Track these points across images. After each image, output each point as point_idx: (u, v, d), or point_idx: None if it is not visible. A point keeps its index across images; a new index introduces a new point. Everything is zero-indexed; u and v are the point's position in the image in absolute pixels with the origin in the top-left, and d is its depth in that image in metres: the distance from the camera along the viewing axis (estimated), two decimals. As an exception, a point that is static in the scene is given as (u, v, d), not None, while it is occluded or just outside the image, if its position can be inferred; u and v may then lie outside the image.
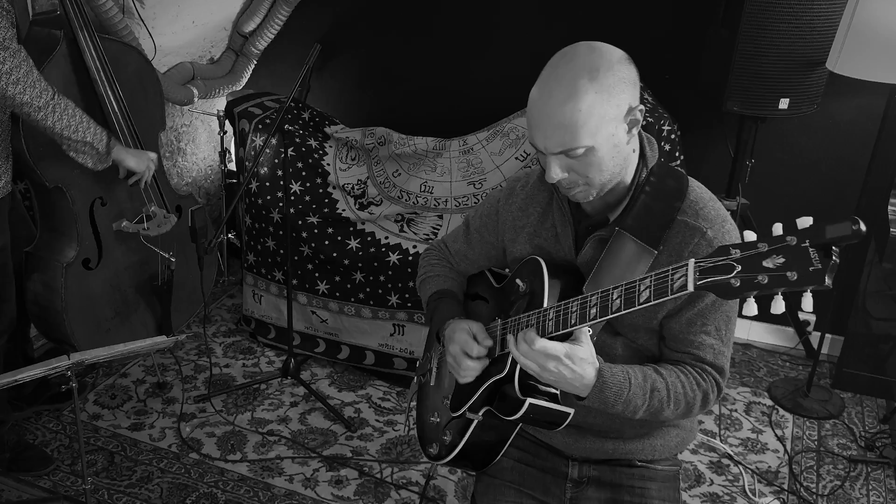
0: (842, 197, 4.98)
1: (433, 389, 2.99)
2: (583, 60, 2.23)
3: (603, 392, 2.28)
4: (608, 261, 2.39)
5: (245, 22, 6.00)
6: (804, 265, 1.74)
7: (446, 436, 2.78)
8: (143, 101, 4.47)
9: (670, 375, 2.40)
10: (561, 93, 2.21)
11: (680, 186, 2.45)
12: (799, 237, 1.76)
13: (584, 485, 2.73)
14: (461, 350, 2.58)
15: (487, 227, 2.86)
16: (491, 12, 5.50)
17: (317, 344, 5.28)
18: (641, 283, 2.05)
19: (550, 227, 2.63)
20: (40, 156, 3.94)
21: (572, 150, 2.23)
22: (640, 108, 2.31)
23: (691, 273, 1.91)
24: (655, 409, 2.38)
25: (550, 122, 2.23)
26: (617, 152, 2.30)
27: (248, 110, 5.30)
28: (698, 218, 2.38)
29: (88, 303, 4.38)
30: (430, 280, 3.00)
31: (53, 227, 4.28)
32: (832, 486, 4.30)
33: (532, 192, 2.72)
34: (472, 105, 5.61)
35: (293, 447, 4.48)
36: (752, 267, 1.81)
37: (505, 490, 2.79)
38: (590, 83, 2.19)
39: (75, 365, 3.27)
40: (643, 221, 2.39)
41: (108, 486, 4.15)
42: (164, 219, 4.52)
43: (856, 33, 3.97)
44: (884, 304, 4.90)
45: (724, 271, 1.84)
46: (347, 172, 5.23)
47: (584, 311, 2.21)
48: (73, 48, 4.02)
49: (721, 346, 2.45)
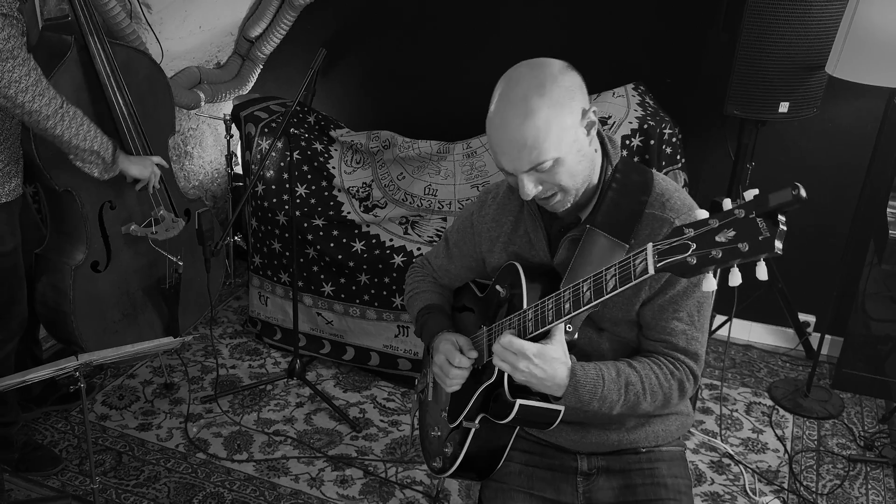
0: (841, 199, 4.98)
1: (432, 404, 3.02)
2: (527, 80, 2.32)
3: (577, 391, 2.34)
4: (582, 258, 2.43)
5: (251, 27, 6.01)
6: (754, 235, 1.78)
7: (447, 448, 2.80)
8: (154, 105, 4.46)
9: (644, 368, 2.45)
10: (516, 116, 2.29)
11: (645, 180, 2.51)
12: (746, 209, 1.81)
13: (595, 476, 2.75)
14: (445, 359, 2.64)
15: (465, 241, 2.91)
16: (493, 18, 5.50)
17: (322, 345, 5.28)
18: (608, 273, 2.12)
19: (524, 234, 2.68)
20: (50, 159, 3.93)
21: (541, 165, 2.30)
22: (593, 110, 2.37)
23: (650, 256, 1.96)
24: (632, 403, 2.42)
25: (514, 145, 2.30)
26: (582, 156, 2.37)
27: (254, 114, 5.30)
28: (665, 209, 2.44)
29: (96, 305, 4.38)
30: (418, 296, 3.05)
31: (63, 230, 4.28)
32: (832, 486, 4.29)
33: (503, 201, 2.77)
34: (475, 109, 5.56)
35: (299, 447, 4.48)
36: (705, 243, 1.85)
37: (513, 494, 2.78)
38: (540, 99, 2.27)
39: (83, 366, 3.27)
40: (612, 217, 2.45)
41: (115, 485, 4.15)
42: (172, 223, 4.53)
43: (854, 38, 3.97)
44: (883, 305, 4.90)
45: (681, 251, 1.89)
46: (352, 175, 5.23)
47: (559, 306, 2.27)
48: (83, 54, 4.02)
49: (694, 332, 2.49)
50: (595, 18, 5.24)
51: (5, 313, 3.88)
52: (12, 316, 3.92)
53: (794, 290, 5.13)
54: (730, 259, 1.81)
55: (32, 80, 3.43)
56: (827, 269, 5.15)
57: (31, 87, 3.42)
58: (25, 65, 3.40)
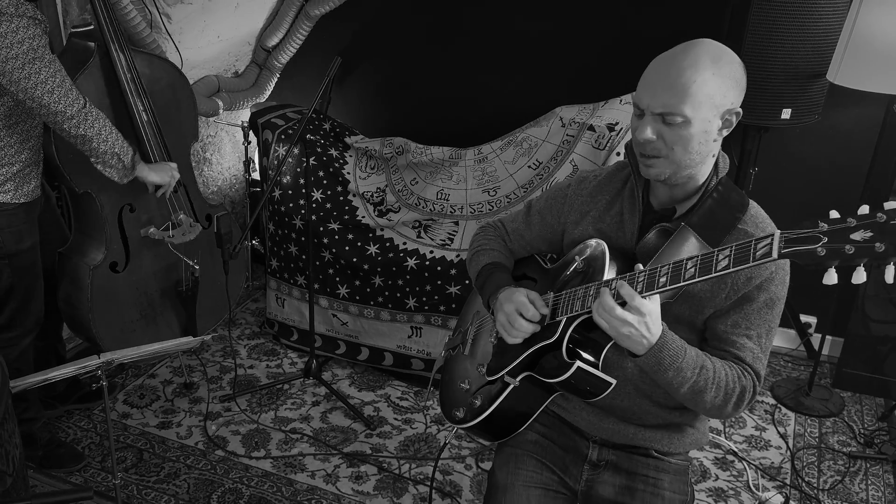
0: (842, 203, 4.84)
1: (465, 359, 2.98)
2: (711, 47, 2.35)
3: (661, 352, 2.29)
4: (669, 251, 2.41)
5: (268, 36, 6.00)
6: (892, 240, 1.77)
7: (476, 400, 2.77)
8: (177, 112, 4.46)
9: (717, 362, 2.41)
10: (685, 59, 2.30)
11: (743, 201, 2.49)
12: (889, 215, 1.79)
13: (602, 468, 2.75)
14: (516, 310, 2.58)
15: (551, 210, 2.87)
16: (505, 28, 5.48)
17: (337, 346, 5.28)
18: (720, 253, 2.08)
19: (616, 214, 2.66)
20: (70, 162, 3.95)
21: (671, 115, 2.29)
22: (737, 112, 2.37)
23: (776, 242, 1.95)
24: (700, 389, 2.37)
25: (665, 81, 2.31)
26: (705, 139, 2.34)
27: (271, 121, 5.30)
28: (757, 229, 2.43)
29: (114, 304, 4.38)
30: (485, 252, 3.00)
31: (84, 231, 4.30)
32: (833, 481, 4.29)
33: (604, 181, 2.76)
34: (486, 116, 5.60)
35: (315, 444, 4.47)
36: (839, 238, 1.84)
37: (526, 459, 2.79)
38: (712, 64, 2.28)
39: (105, 364, 3.27)
40: (708, 222, 2.43)
41: (137, 481, 4.14)
42: (189, 227, 4.52)
43: (855, 46, 3.96)
44: (882, 307, 4.89)
45: (811, 242, 1.88)
46: (367, 181, 5.22)
47: (652, 279, 2.22)
48: (105, 61, 4.02)
49: (759, 353, 2.47)
50: (604, 27, 5.21)
51: (22, 309, 3.89)
52: (29, 312, 3.93)
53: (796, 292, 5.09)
54: (861, 256, 1.80)
55: (58, 81, 3.46)
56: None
57: (56, 89, 3.46)
58: (51, 66, 3.44)
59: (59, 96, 3.48)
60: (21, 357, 3.93)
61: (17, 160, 3.65)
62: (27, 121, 3.67)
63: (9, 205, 3.67)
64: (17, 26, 3.32)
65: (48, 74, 3.42)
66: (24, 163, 3.68)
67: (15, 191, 3.67)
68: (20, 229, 3.75)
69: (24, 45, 3.34)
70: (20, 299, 3.86)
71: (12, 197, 3.66)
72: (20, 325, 3.91)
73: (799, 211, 5.04)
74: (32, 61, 3.37)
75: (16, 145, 3.63)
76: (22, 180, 3.69)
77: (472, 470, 4.27)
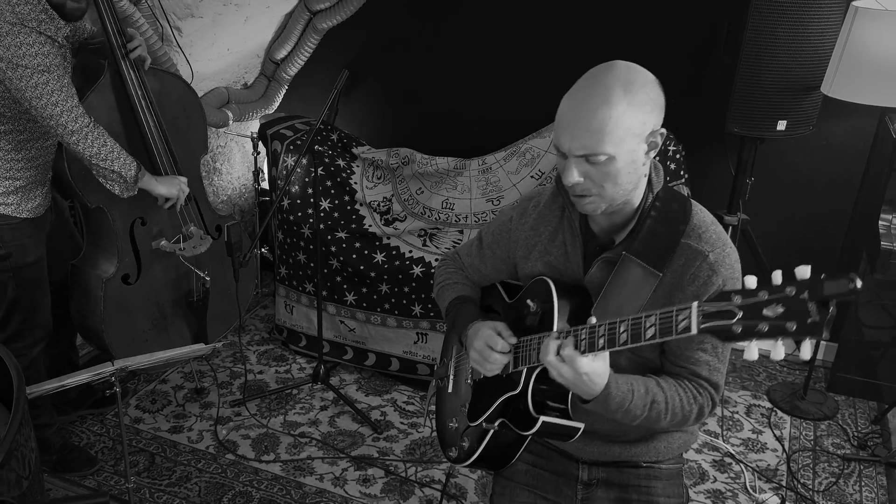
0: (836, 212, 4.96)
1: (451, 396, 2.97)
2: (620, 73, 2.22)
3: (607, 401, 2.27)
4: (615, 284, 2.37)
5: (277, 49, 6.00)
6: (802, 317, 1.71)
7: (464, 442, 2.77)
8: (186, 126, 4.46)
9: (670, 389, 2.39)
10: (596, 97, 2.18)
11: (684, 210, 2.43)
12: (798, 288, 1.73)
13: (594, 486, 2.73)
14: (486, 344, 2.54)
15: (500, 244, 2.82)
16: (508, 42, 5.48)
17: (345, 351, 5.28)
18: (647, 320, 2.04)
19: (561, 245, 2.60)
20: (81, 178, 3.95)
21: (594, 156, 2.20)
22: (661, 132, 2.29)
23: (695, 316, 1.90)
24: (653, 419, 2.36)
25: (580, 124, 2.19)
26: (633, 169, 2.27)
27: (279, 132, 5.30)
28: (701, 241, 2.36)
29: (126, 315, 4.37)
30: (449, 287, 2.97)
31: (97, 243, 4.29)
32: (827, 483, 4.28)
33: (543, 211, 2.68)
34: (490, 127, 5.60)
35: (323, 448, 4.47)
36: (752, 314, 1.79)
37: (519, 491, 2.80)
38: (624, 94, 2.17)
39: (119, 371, 3.27)
40: (648, 245, 2.37)
41: (149, 485, 4.14)
42: (200, 240, 4.51)
43: (848, 60, 3.96)
44: (875, 313, 4.89)
45: (727, 317, 1.83)
46: (374, 190, 5.22)
47: (592, 339, 2.18)
48: (115, 77, 4.01)
49: (717, 363, 2.43)
50: (605, 41, 5.22)
51: (29, 321, 3.90)
52: (36, 324, 3.93)
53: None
54: (775, 335, 1.75)
55: (63, 96, 3.49)
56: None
57: (60, 103, 3.49)
58: (60, 81, 3.47)
59: (62, 110, 3.50)
60: (31, 367, 3.93)
61: (23, 176, 3.67)
62: (39, 140, 3.70)
63: (12, 218, 3.68)
64: (34, 41, 3.36)
65: (55, 88, 3.45)
66: (28, 179, 3.70)
67: (18, 205, 3.68)
68: (24, 244, 3.75)
69: (35, 59, 3.37)
70: (25, 311, 3.86)
71: (14, 210, 3.68)
72: (28, 336, 3.91)
73: (794, 220, 5.06)
74: (41, 72, 3.39)
75: (23, 161, 3.66)
76: (25, 196, 3.71)
77: (476, 473, 4.27)
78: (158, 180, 4.11)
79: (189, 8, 4.99)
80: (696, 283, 2.32)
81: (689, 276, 2.33)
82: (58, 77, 3.46)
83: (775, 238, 5.09)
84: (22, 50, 3.33)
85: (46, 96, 3.44)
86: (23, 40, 3.32)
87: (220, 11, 5.18)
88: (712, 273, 2.31)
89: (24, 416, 2.31)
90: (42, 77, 3.40)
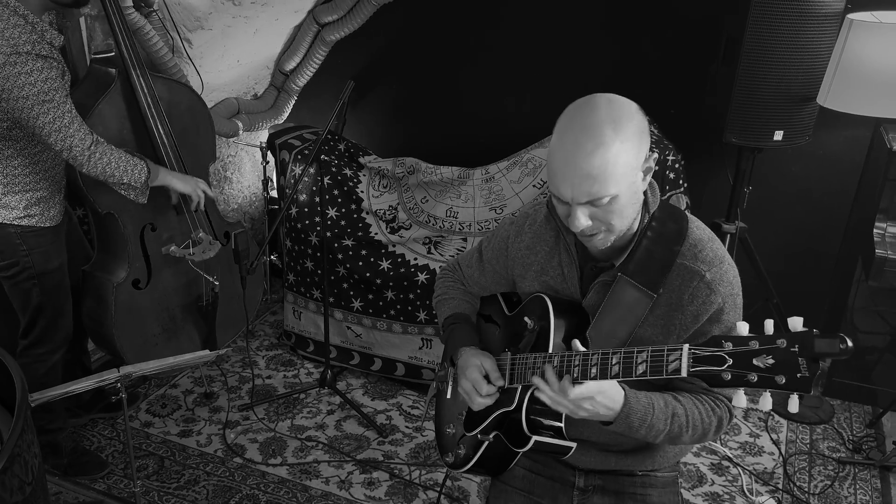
0: (831, 221, 4.94)
1: (449, 402, 2.93)
2: (603, 111, 2.14)
3: (629, 418, 2.21)
4: (611, 305, 2.33)
5: (286, 61, 5.99)
6: (792, 371, 1.71)
7: (461, 449, 2.75)
8: (195, 134, 4.45)
9: (688, 402, 2.33)
10: (588, 143, 2.10)
11: (680, 229, 2.37)
12: (789, 341, 1.72)
13: (590, 493, 2.68)
14: (472, 388, 2.53)
15: (498, 260, 2.78)
16: (511, 55, 5.48)
17: (352, 357, 5.26)
18: (639, 356, 2.00)
19: (557, 266, 2.56)
20: (92, 185, 3.94)
21: (599, 200, 2.14)
22: (653, 157, 2.24)
23: (685, 358, 1.87)
24: (675, 434, 2.30)
25: (579, 173, 2.12)
26: (636, 199, 2.23)
27: (288, 142, 5.28)
28: (696, 261, 2.30)
29: (137, 320, 4.36)
30: (447, 301, 2.94)
31: (107, 249, 4.28)
32: (823, 486, 4.27)
33: (539, 230, 2.63)
34: (493, 137, 5.59)
35: (329, 452, 4.45)
36: (742, 363, 1.76)
37: (515, 495, 2.76)
38: (615, 133, 2.10)
39: (124, 377, 3.26)
40: (644, 266, 2.32)
41: (158, 488, 4.12)
42: (209, 245, 4.49)
43: (843, 71, 3.94)
44: (870, 318, 4.86)
45: (717, 362, 1.80)
46: (380, 199, 5.20)
47: (585, 368, 2.14)
48: (126, 86, 4.01)
49: None
50: (605, 53, 5.21)
51: (52, 326, 3.90)
52: (58, 328, 3.94)
53: (788, 304, 5.06)
54: (764, 386, 1.74)
55: (65, 122, 3.48)
56: (818, 285, 5.10)
57: (63, 128, 3.48)
58: (60, 107, 3.45)
59: (64, 135, 3.48)
60: (50, 372, 3.93)
61: (42, 187, 3.69)
62: (50, 150, 3.70)
63: (36, 228, 3.69)
64: (33, 68, 3.33)
65: (56, 116, 3.43)
66: (47, 189, 3.72)
67: (41, 215, 3.70)
68: (48, 250, 3.77)
69: (35, 87, 3.35)
70: (49, 317, 3.87)
71: (38, 221, 3.70)
72: (50, 342, 3.92)
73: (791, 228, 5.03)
74: (42, 103, 3.38)
75: (40, 173, 3.67)
76: (46, 205, 3.73)
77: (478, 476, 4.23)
78: (175, 176, 4.10)
79: (199, 20, 4.98)
80: (695, 303, 2.28)
81: (688, 296, 2.29)
82: (58, 104, 3.44)
83: (773, 245, 5.06)
84: (21, 80, 3.31)
85: (49, 125, 3.43)
86: (20, 70, 3.30)
87: (230, 24, 5.17)
88: (710, 292, 2.27)
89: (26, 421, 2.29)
90: (43, 108, 3.39)
